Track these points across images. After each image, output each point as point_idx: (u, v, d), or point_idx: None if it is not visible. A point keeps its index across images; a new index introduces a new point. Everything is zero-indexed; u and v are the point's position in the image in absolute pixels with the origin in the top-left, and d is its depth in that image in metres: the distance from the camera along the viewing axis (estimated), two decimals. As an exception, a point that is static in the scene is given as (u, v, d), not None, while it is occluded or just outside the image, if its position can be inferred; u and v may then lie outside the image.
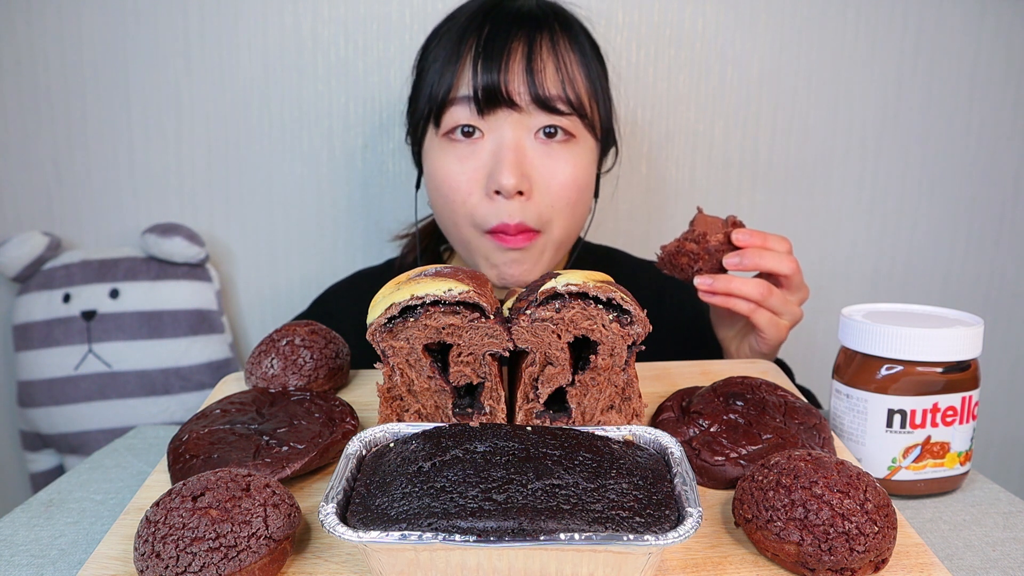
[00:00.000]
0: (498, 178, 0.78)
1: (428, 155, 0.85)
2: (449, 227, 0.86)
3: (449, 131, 0.82)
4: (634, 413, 0.54)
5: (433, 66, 0.83)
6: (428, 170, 0.85)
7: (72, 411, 1.11)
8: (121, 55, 1.17)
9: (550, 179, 0.81)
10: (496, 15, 0.82)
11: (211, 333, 1.16)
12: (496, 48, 0.79)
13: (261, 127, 1.20)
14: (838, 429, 0.65)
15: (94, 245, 1.21)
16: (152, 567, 0.41)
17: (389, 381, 0.52)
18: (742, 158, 1.24)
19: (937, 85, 1.24)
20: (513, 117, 0.80)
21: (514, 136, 0.80)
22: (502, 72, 0.78)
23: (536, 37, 0.80)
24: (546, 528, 0.40)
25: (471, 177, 0.81)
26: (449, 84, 0.80)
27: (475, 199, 0.81)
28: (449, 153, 0.82)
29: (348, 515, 0.42)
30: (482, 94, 0.78)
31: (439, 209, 0.86)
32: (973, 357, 0.61)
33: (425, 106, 0.83)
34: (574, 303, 0.50)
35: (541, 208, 0.81)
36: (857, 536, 0.42)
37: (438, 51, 0.84)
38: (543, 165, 0.81)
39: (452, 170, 0.81)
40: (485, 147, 0.80)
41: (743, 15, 1.20)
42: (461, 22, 0.83)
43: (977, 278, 1.31)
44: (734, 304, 0.73)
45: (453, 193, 0.82)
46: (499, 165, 0.78)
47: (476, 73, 0.78)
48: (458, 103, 0.80)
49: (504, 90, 0.78)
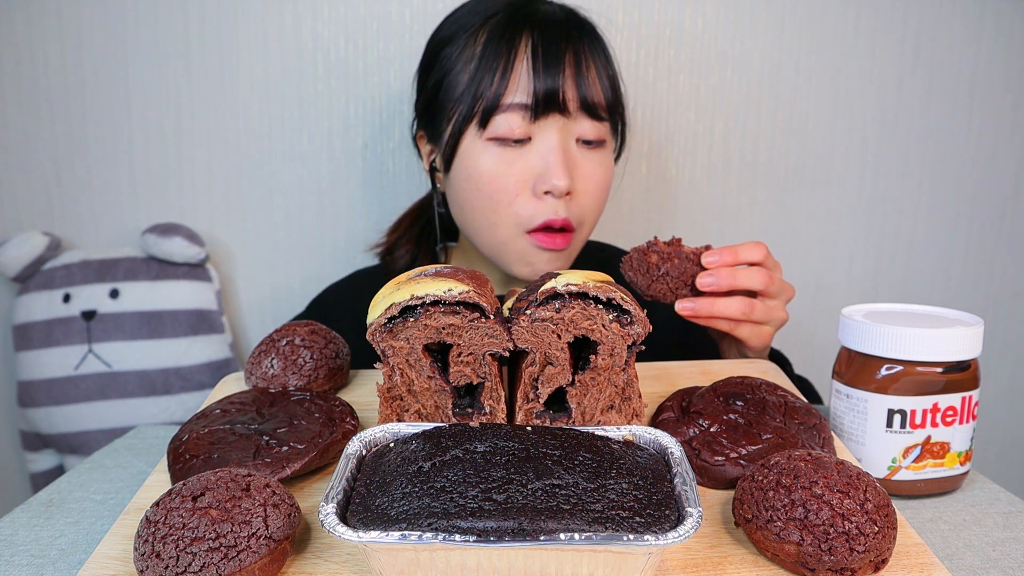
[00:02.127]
0: (551, 180, 0.81)
1: (469, 156, 0.84)
2: (483, 227, 0.86)
3: (497, 137, 0.83)
4: (634, 413, 0.54)
5: (467, 66, 0.83)
6: (468, 171, 0.85)
7: (72, 411, 1.11)
8: (121, 55, 1.17)
9: (588, 181, 0.84)
10: (539, 20, 0.83)
11: (211, 333, 1.16)
12: (551, 55, 0.81)
13: (261, 127, 1.20)
14: (838, 429, 0.65)
15: (94, 245, 1.21)
16: (152, 567, 0.41)
17: (389, 381, 0.52)
18: (742, 158, 1.24)
19: (937, 85, 1.24)
20: (561, 122, 0.83)
21: (561, 139, 0.82)
22: (559, 79, 0.81)
23: (580, 44, 0.83)
24: (546, 528, 0.40)
25: (519, 179, 0.83)
26: (501, 88, 0.81)
27: (522, 200, 0.83)
28: (496, 156, 0.83)
29: (348, 515, 0.42)
30: (542, 101, 0.81)
31: (476, 209, 0.86)
32: (973, 357, 0.61)
33: (468, 107, 0.83)
34: (574, 303, 0.50)
35: (579, 209, 0.84)
36: (857, 536, 0.42)
37: (472, 49, 0.84)
38: (582, 168, 0.84)
39: (500, 172, 0.83)
40: (533, 150, 0.83)
41: (743, 15, 1.20)
42: (499, 23, 0.83)
43: (977, 278, 1.31)
44: (716, 324, 0.73)
45: (500, 194, 0.83)
46: (551, 168, 0.81)
47: (536, 80, 0.81)
48: (511, 109, 0.82)
49: (561, 96, 0.81)
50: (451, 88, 0.85)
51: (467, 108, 0.83)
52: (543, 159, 0.82)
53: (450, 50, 0.86)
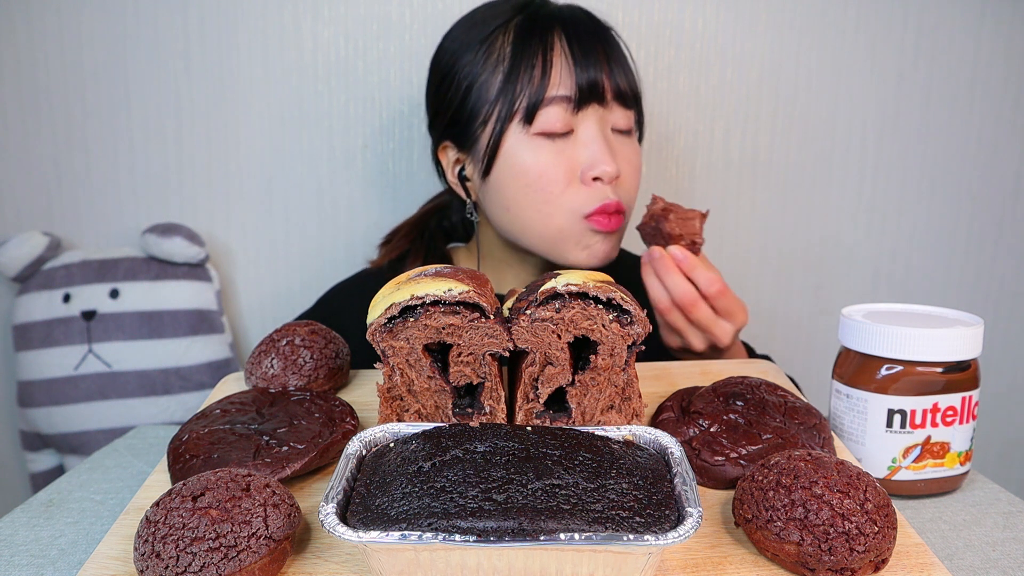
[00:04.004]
0: (601, 167, 0.84)
1: (514, 154, 0.86)
2: (536, 220, 0.88)
3: (544, 131, 0.85)
4: (634, 413, 0.54)
5: (497, 68, 0.86)
6: (514, 168, 0.87)
7: (72, 411, 1.11)
8: (121, 55, 1.17)
9: (627, 167, 0.89)
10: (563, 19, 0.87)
11: (211, 333, 1.16)
12: (587, 47, 0.85)
13: (261, 127, 1.20)
14: (838, 429, 0.65)
15: (94, 245, 1.21)
16: (152, 567, 0.41)
17: (389, 381, 0.52)
18: (742, 158, 1.24)
19: (937, 85, 1.24)
20: (599, 112, 0.86)
21: (601, 129, 0.86)
22: (599, 70, 0.85)
23: (606, 37, 0.88)
24: (546, 528, 0.40)
25: (568, 169, 0.86)
26: (544, 83, 0.84)
27: (573, 189, 0.86)
28: (546, 149, 0.85)
29: (348, 515, 0.42)
30: (583, 92, 0.84)
31: (527, 206, 0.87)
32: (973, 357, 0.61)
33: (508, 107, 0.85)
34: (574, 303, 0.50)
35: (624, 192, 0.88)
36: (857, 536, 0.42)
37: (499, 52, 0.86)
38: (621, 154, 0.88)
39: (550, 164, 0.85)
40: (577, 141, 0.86)
41: (743, 15, 1.20)
42: (522, 25, 0.86)
43: (977, 278, 1.31)
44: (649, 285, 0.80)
45: (552, 185, 0.85)
46: (599, 155, 0.85)
47: (579, 71, 0.84)
48: (556, 102, 0.84)
49: (601, 87, 0.85)
50: (483, 92, 0.87)
51: (507, 107, 0.85)
52: (588, 148, 0.85)
53: (469, 58, 0.88)
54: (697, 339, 0.80)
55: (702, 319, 0.78)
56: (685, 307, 0.77)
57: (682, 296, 0.77)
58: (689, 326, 0.79)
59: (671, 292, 0.78)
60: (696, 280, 0.78)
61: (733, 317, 0.79)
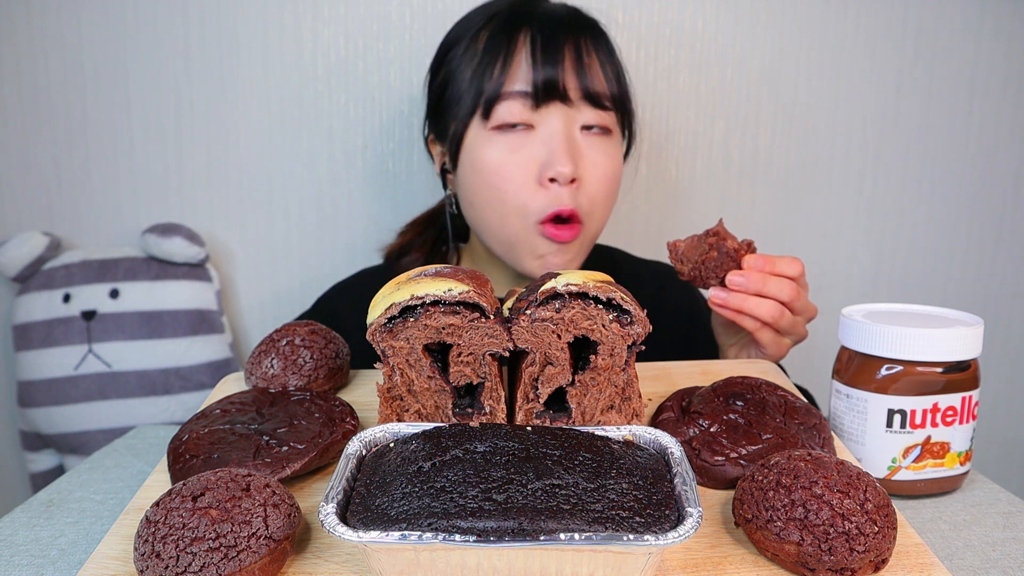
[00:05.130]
0: (555, 166, 0.81)
1: (474, 148, 0.86)
2: (494, 221, 0.87)
3: (500, 124, 0.84)
4: (634, 413, 0.54)
5: (471, 63, 0.85)
6: (474, 163, 0.86)
7: (72, 411, 1.11)
8: (121, 55, 1.17)
9: (594, 169, 0.85)
10: (539, 16, 0.86)
11: (211, 333, 1.16)
12: (551, 45, 0.83)
13: (261, 127, 1.20)
14: (838, 429, 0.65)
15: (94, 245, 1.21)
16: (152, 567, 0.41)
17: (389, 381, 0.52)
18: (742, 158, 1.24)
19: (937, 85, 1.24)
20: (563, 110, 0.84)
21: (564, 127, 0.83)
22: (559, 68, 0.82)
23: (581, 38, 0.85)
24: (546, 528, 0.40)
25: (524, 166, 0.83)
26: (502, 78, 0.83)
27: (529, 189, 0.84)
28: (500, 144, 0.84)
29: (348, 515, 0.42)
30: (540, 88, 0.82)
31: (484, 203, 0.86)
32: (973, 357, 0.61)
33: (472, 100, 0.85)
34: (574, 303, 0.50)
35: (585, 199, 0.85)
36: (857, 536, 0.42)
37: (475, 47, 0.86)
38: (588, 156, 0.85)
39: (504, 160, 0.84)
40: (537, 137, 0.84)
41: (743, 15, 1.20)
42: (500, 21, 0.86)
43: (977, 278, 1.31)
44: (742, 320, 0.73)
45: (505, 183, 0.84)
46: (555, 153, 0.82)
47: (535, 68, 0.82)
48: (512, 97, 0.83)
49: (561, 85, 0.82)
50: (456, 85, 0.87)
51: (471, 101, 0.85)
52: (547, 146, 0.83)
53: (455, 51, 0.88)
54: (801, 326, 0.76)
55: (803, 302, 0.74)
56: (793, 301, 0.72)
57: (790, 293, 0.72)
58: (795, 318, 0.74)
59: (778, 296, 0.72)
60: (784, 272, 0.72)
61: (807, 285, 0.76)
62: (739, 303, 0.72)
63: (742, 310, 0.72)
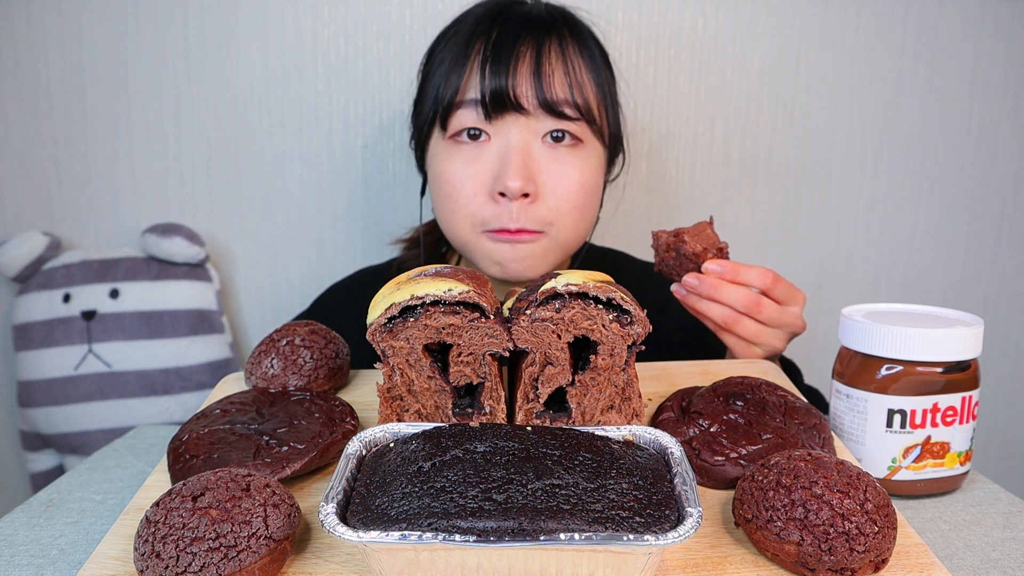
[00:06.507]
0: (504, 180, 0.79)
1: (433, 158, 0.86)
2: (448, 228, 0.87)
3: (455, 134, 0.82)
4: (634, 413, 0.54)
5: (439, 69, 0.84)
6: (433, 172, 0.86)
7: (72, 411, 1.11)
8: (121, 55, 1.17)
9: (556, 183, 0.82)
10: (505, 19, 0.82)
11: (211, 333, 1.16)
12: (504, 52, 0.79)
13: (261, 127, 1.20)
14: (838, 429, 0.65)
15: (94, 245, 1.21)
16: (152, 567, 0.41)
17: (389, 381, 0.52)
18: (742, 158, 1.24)
19: (937, 85, 1.24)
20: (520, 121, 0.80)
21: (521, 139, 0.80)
22: (510, 76, 0.79)
23: (545, 42, 0.81)
24: (546, 528, 0.40)
25: (476, 179, 0.81)
26: (456, 87, 0.81)
27: (479, 201, 0.82)
28: (455, 155, 0.83)
29: (348, 515, 0.42)
30: (490, 98, 0.79)
31: (440, 211, 0.87)
32: (973, 357, 0.61)
33: (431, 109, 0.84)
34: (574, 303, 0.50)
35: (545, 211, 0.82)
36: (857, 536, 0.42)
37: (444, 54, 0.84)
38: (550, 169, 0.81)
39: (458, 172, 0.82)
40: (491, 150, 0.81)
41: (743, 15, 1.20)
42: (468, 26, 0.84)
43: (977, 278, 1.31)
44: (702, 319, 0.75)
45: (457, 194, 0.82)
46: (505, 167, 0.79)
47: (484, 77, 0.79)
48: (465, 106, 0.81)
49: (512, 94, 0.79)
50: (422, 92, 0.87)
51: (431, 111, 0.84)
52: (500, 158, 0.80)
53: (433, 57, 0.87)
54: (775, 338, 0.76)
55: (772, 315, 0.74)
56: (752, 311, 0.73)
57: (745, 302, 0.72)
58: (763, 328, 0.75)
59: (733, 304, 0.73)
60: (748, 281, 0.73)
61: (795, 299, 0.76)
62: (692, 303, 0.75)
63: (696, 309, 0.75)
